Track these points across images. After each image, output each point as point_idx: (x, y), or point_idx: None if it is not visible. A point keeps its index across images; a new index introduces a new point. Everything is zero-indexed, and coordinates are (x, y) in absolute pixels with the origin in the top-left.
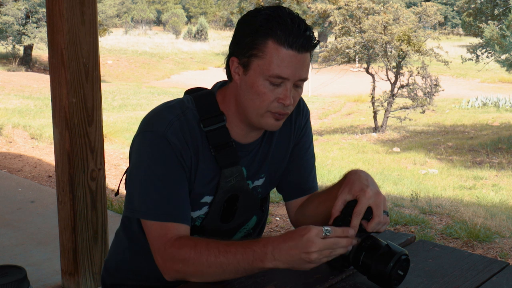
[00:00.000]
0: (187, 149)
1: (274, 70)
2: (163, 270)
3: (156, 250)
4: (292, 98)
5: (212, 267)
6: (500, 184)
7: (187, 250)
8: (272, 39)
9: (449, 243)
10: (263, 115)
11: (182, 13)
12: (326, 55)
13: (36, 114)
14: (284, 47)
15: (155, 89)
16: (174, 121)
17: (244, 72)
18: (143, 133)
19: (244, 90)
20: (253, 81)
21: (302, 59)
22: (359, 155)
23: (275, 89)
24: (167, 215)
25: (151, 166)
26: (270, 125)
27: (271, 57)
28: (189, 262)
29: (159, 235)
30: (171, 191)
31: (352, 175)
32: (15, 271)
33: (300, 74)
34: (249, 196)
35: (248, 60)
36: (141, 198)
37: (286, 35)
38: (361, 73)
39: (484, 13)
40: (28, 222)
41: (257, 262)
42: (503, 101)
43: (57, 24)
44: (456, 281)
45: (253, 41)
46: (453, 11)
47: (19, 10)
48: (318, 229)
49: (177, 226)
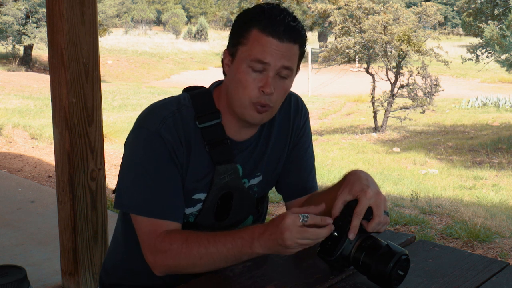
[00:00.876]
0: (180, 145)
1: (254, 54)
2: (153, 265)
3: (145, 246)
4: (273, 87)
5: (203, 258)
6: (500, 184)
7: (179, 245)
8: (257, 27)
9: (449, 243)
10: (246, 106)
11: (182, 13)
12: (326, 55)
13: (36, 114)
14: (266, 34)
15: (155, 89)
16: (168, 117)
17: (231, 61)
18: (138, 129)
19: (230, 80)
20: (237, 68)
21: (285, 48)
22: (359, 155)
23: (257, 77)
24: (157, 212)
25: (143, 162)
26: (252, 117)
27: (253, 42)
28: (180, 256)
29: (149, 231)
30: (163, 188)
31: (352, 175)
32: (15, 271)
33: (281, 62)
34: (244, 195)
35: (235, 49)
36: (133, 194)
37: (270, 23)
38: (361, 73)
39: (484, 13)
40: (28, 222)
41: (246, 248)
42: (503, 101)
43: (57, 24)
44: (456, 281)
45: (239, 31)
46: (453, 11)
47: (19, 10)
48: (295, 216)
49: (168, 223)
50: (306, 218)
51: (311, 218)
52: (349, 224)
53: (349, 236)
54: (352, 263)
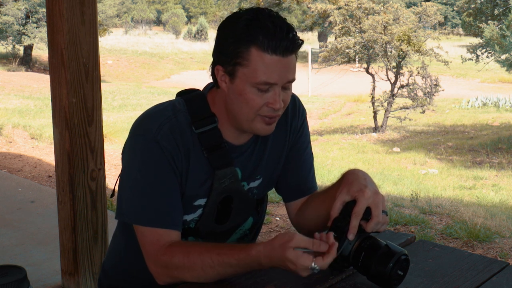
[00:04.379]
0: (178, 152)
1: (260, 77)
2: (156, 276)
3: (148, 256)
4: (281, 102)
5: (207, 272)
6: (500, 184)
7: (180, 258)
8: (255, 46)
9: (449, 243)
10: (253, 120)
11: (182, 13)
12: (326, 55)
13: (36, 114)
14: (268, 53)
15: (155, 89)
16: (164, 123)
17: (231, 80)
18: (135, 137)
19: (232, 99)
20: (240, 89)
21: (287, 62)
22: (359, 155)
23: (263, 95)
24: (157, 221)
25: (141, 170)
26: (261, 129)
27: (256, 64)
28: (184, 269)
29: (151, 241)
30: (162, 196)
31: (350, 175)
32: (15, 271)
33: (287, 77)
34: (244, 198)
35: (233, 69)
36: (132, 203)
37: (269, 40)
38: (361, 73)
39: (484, 13)
40: (28, 222)
41: (254, 265)
42: (503, 101)
43: (57, 24)
44: (456, 281)
45: (236, 50)
46: (453, 11)
47: (19, 10)
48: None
49: (168, 232)
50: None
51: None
52: (348, 225)
53: (348, 237)
54: (351, 263)
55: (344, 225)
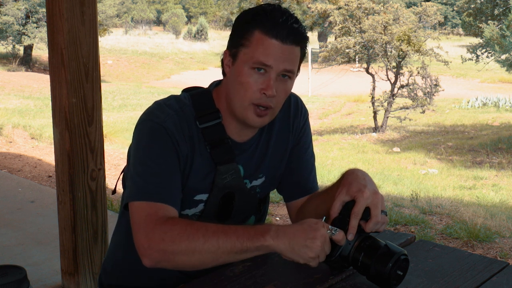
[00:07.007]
0: (184, 141)
1: (257, 57)
2: (146, 251)
3: (141, 230)
4: (275, 90)
5: (207, 242)
6: (500, 184)
7: (183, 226)
8: (259, 29)
9: (449, 243)
10: (246, 107)
11: (182, 13)
12: (326, 55)
13: (36, 114)
14: (269, 36)
15: (155, 89)
16: (173, 114)
17: (233, 63)
18: (143, 122)
19: (231, 81)
20: (239, 70)
21: (287, 51)
22: (359, 155)
23: (258, 79)
24: (158, 196)
25: (146, 150)
26: (252, 120)
27: (256, 45)
28: (182, 238)
29: (148, 214)
30: (164, 175)
31: (350, 175)
32: (15, 271)
33: (284, 65)
34: (246, 195)
35: (237, 50)
36: (133, 180)
37: (272, 24)
38: (361, 73)
39: (484, 13)
40: (28, 222)
41: (257, 236)
42: (503, 101)
43: (57, 24)
44: (456, 281)
45: (242, 31)
46: (453, 11)
47: (19, 10)
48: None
49: (167, 208)
50: (335, 231)
51: (339, 235)
52: (348, 225)
53: (347, 237)
54: (351, 263)
55: (343, 225)
